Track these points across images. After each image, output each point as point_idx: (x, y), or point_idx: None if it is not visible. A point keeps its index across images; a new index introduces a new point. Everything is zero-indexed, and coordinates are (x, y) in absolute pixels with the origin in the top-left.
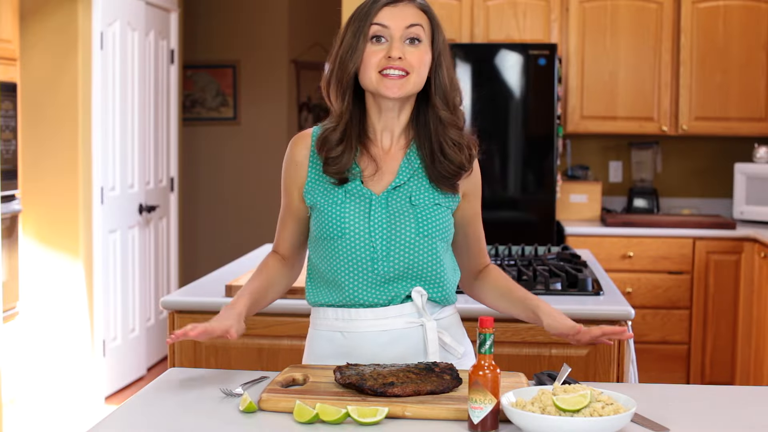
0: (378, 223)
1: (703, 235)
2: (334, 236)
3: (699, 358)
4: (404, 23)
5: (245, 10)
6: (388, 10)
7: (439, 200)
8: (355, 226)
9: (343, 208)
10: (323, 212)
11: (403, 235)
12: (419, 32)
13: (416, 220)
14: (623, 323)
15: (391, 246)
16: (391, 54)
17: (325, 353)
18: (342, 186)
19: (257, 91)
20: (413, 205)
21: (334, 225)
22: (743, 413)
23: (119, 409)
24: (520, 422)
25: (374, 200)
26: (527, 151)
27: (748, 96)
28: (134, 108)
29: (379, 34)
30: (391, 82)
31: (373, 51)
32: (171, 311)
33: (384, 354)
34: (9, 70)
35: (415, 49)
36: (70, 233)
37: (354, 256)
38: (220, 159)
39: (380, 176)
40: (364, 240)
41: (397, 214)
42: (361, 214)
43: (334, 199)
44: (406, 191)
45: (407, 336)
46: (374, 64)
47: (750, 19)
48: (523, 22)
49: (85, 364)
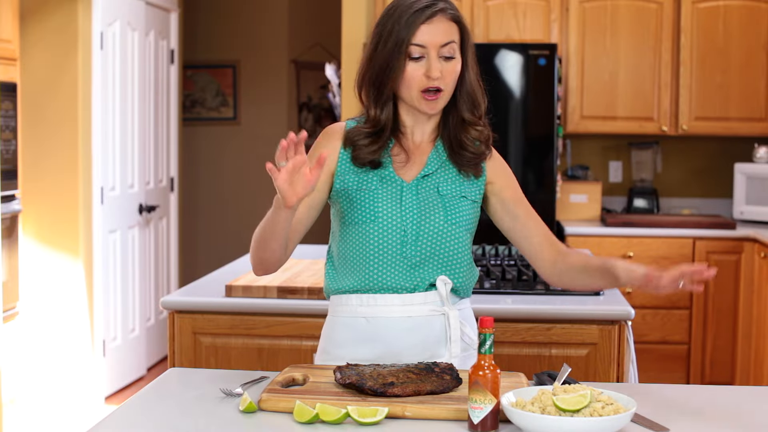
0: (409, 208)
1: (703, 235)
2: (366, 220)
3: (699, 358)
4: (440, 41)
5: (245, 10)
6: (425, 28)
7: (465, 192)
8: (388, 210)
9: (376, 194)
10: (355, 197)
11: (432, 221)
12: (453, 49)
13: (444, 209)
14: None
15: (421, 231)
16: (431, 74)
17: (346, 339)
18: (375, 171)
19: (257, 91)
20: (441, 195)
21: (367, 209)
22: (743, 413)
23: (119, 409)
24: (520, 422)
25: (405, 187)
26: (527, 151)
27: (748, 96)
28: (134, 108)
29: (418, 54)
30: (431, 101)
31: (414, 68)
32: (171, 311)
33: (406, 340)
34: (9, 70)
35: (449, 65)
36: (70, 233)
37: (385, 239)
38: (220, 159)
39: (410, 166)
40: (396, 224)
41: (426, 201)
42: (393, 200)
43: (368, 184)
44: (434, 181)
45: (430, 324)
46: (416, 82)
47: (750, 19)
48: (523, 22)
49: (85, 364)
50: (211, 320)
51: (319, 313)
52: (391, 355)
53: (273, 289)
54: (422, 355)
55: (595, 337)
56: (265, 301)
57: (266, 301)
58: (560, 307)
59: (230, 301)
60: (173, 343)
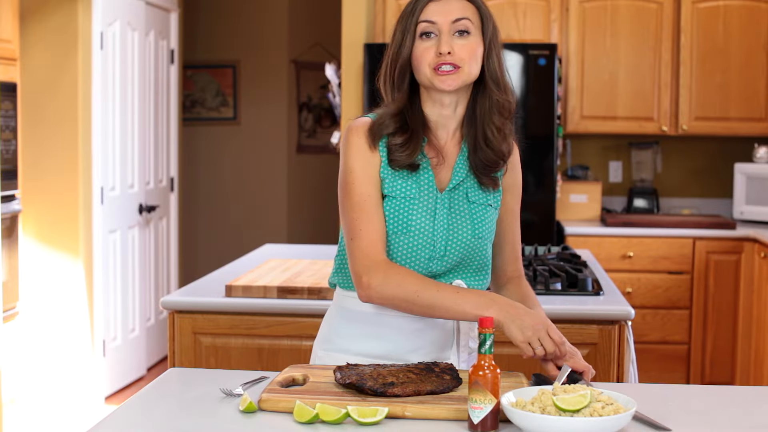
0: (441, 222)
1: (703, 235)
2: (398, 232)
3: (699, 358)
4: (451, 17)
5: (245, 10)
6: (433, 6)
7: (490, 200)
8: (420, 223)
9: (412, 204)
10: (392, 206)
11: (460, 236)
12: (467, 25)
13: (472, 221)
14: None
15: (449, 245)
16: (441, 50)
17: (353, 333)
18: (414, 176)
19: (257, 91)
20: (470, 203)
21: (401, 220)
22: (743, 413)
23: (119, 409)
24: (520, 422)
25: (438, 200)
26: (527, 151)
27: (748, 96)
28: (134, 108)
29: (428, 30)
30: (445, 76)
31: (424, 47)
32: (171, 311)
33: (414, 342)
34: (9, 70)
35: (465, 41)
36: (70, 233)
37: (414, 252)
38: (220, 159)
39: (443, 168)
40: (427, 238)
41: (456, 213)
42: (427, 213)
43: (407, 191)
44: (463, 188)
45: (440, 327)
46: (426, 60)
47: (750, 19)
48: (523, 22)
49: (85, 364)
50: (211, 320)
51: (319, 313)
52: (397, 354)
53: (273, 289)
54: (428, 358)
55: (595, 337)
56: (265, 301)
57: (266, 301)
58: (560, 307)
59: (230, 301)
60: (173, 343)
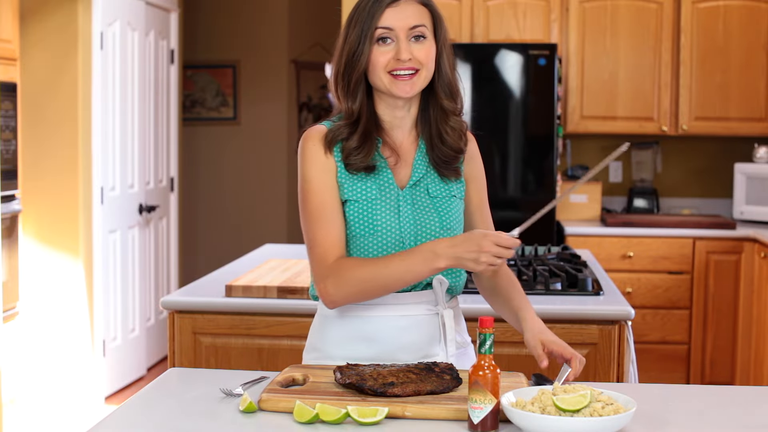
0: (406, 218)
1: (703, 235)
2: (365, 233)
3: (699, 358)
4: (408, 23)
5: (245, 10)
6: (390, 12)
7: (452, 191)
8: (385, 222)
9: (375, 205)
10: (354, 207)
11: (428, 230)
12: (423, 31)
13: (438, 214)
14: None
15: (419, 240)
16: (401, 57)
17: (340, 338)
18: (372, 177)
19: (257, 91)
20: (432, 197)
21: (367, 222)
22: (743, 413)
23: (119, 409)
24: (520, 422)
25: (401, 197)
26: (527, 151)
27: (748, 96)
28: (134, 108)
29: (385, 36)
30: (403, 82)
31: (381, 52)
32: (171, 311)
33: (400, 339)
34: (9, 70)
35: (421, 45)
36: (70, 233)
37: (384, 252)
38: (220, 159)
39: (401, 167)
40: (394, 236)
41: (420, 208)
42: (391, 211)
43: (367, 194)
44: (423, 184)
45: (425, 323)
46: (383, 65)
47: (750, 19)
48: (523, 22)
49: (85, 364)
50: (211, 320)
51: None
52: (385, 354)
53: (273, 289)
54: (416, 354)
55: (595, 337)
56: (265, 301)
57: (266, 301)
58: (560, 307)
59: (230, 301)
60: (173, 343)
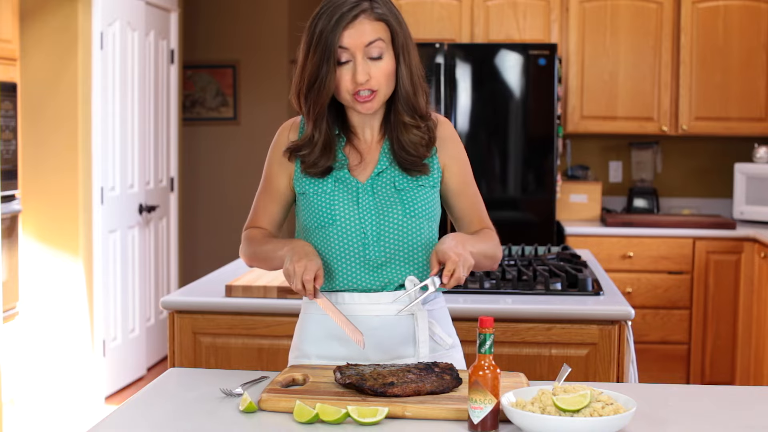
0: (366, 208)
1: (703, 235)
2: (325, 224)
3: (699, 358)
4: (363, 41)
5: (245, 10)
6: (347, 32)
7: (422, 181)
8: (345, 212)
9: (332, 197)
10: (313, 201)
11: (391, 219)
12: (380, 46)
13: (402, 203)
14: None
15: (381, 230)
16: (358, 79)
17: (317, 336)
18: (330, 175)
19: (257, 91)
20: (398, 190)
21: (325, 213)
22: (743, 413)
23: (119, 409)
24: (520, 422)
25: (361, 188)
26: (527, 151)
27: (748, 96)
28: (134, 108)
29: (345, 58)
30: (364, 103)
31: (342, 74)
32: (171, 311)
33: (373, 339)
34: (9, 70)
35: (379, 64)
36: (70, 233)
37: (345, 242)
38: (220, 159)
39: (364, 166)
40: (354, 226)
41: (383, 199)
42: (350, 201)
43: (323, 188)
44: (389, 177)
45: (399, 323)
46: (345, 87)
47: (750, 19)
48: (523, 22)
49: (85, 364)
50: (211, 320)
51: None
52: (357, 354)
53: (273, 289)
54: (388, 355)
55: (595, 337)
56: (265, 301)
57: (266, 301)
58: (560, 307)
59: (230, 301)
60: (173, 343)
